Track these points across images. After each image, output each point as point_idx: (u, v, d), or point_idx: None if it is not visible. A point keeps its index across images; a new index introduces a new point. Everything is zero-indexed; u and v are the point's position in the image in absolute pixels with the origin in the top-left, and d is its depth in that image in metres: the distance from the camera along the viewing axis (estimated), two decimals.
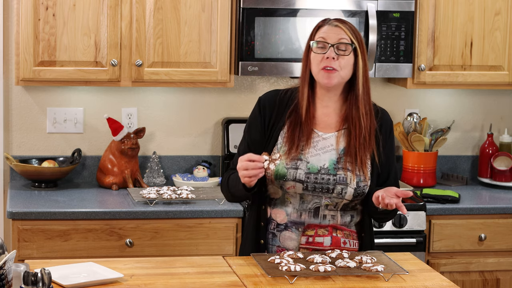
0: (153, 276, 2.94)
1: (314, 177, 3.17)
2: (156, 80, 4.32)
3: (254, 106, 3.30)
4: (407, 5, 4.42)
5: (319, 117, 3.24)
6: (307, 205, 3.20)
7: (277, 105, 3.26)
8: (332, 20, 3.20)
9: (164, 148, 4.71)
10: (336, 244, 3.22)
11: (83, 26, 4.23)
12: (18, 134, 4.58)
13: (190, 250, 4.12)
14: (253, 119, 3.29)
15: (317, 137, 3.22)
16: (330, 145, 3.21)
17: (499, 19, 4.53)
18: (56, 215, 4.02)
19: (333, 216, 3.22)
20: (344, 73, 3.16)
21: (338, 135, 3.21)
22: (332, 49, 3.14)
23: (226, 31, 4.32)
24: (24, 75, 4.22)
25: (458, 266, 4.35)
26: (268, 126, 3.25)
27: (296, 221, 3.22)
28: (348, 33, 3.16)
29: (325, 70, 3.14)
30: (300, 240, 3.21)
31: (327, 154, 3.20)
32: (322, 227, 3.21)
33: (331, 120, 3.24)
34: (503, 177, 4.77)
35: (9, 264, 2.57)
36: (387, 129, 3.28)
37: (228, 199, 3.33)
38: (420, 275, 3.02)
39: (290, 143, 3.19)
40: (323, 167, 3.18)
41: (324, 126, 3.23)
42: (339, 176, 3.18)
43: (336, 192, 3.17)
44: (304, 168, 3.17)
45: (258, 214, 3.27)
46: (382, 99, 4.84)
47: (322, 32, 3.17)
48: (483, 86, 4.60)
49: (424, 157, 4.67)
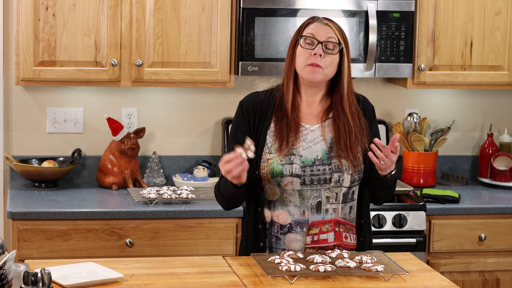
0: (153, 276, 2.94)
1: (310, 169, 3.19)
2: (156, 80, 4.32)
3: (237, 111, 3.33)
4: (407, 5, 4.42)
5: (303, 110, 3.27)
6: (307, 201, 3.21)
7: (260, 106, 3.29)
8: (322, 18, 3.25)
9: (164, 148, 4.71)
10: (338, 239, 3.23)
11: (83, 26, 4.24)
12: (18, 134, 4.58)
13: (190, 250, 4.12)
14: (237, 123, 3.31)
15: (304, 130, 3.25)
16: (318, 136, 3.24)
17: (499, 19, 4.53)
18: (56, 215, 4.02)
19: (334, 209, 3.23)
20: (328, 71, 3.20)
21: (322, 126, 3.25)
22: (320, 46, 3.18)
23: (226, 31, 4.32)
24: (24, 75, 4.22)
25: (458, 266, 4.35)
26: (253, 128, 3.27)
27: (300, 220, 3.22)
28: (336, 32, 3.21)
29: (310, 66, 3.17)
30: (306, 240, 3.22)
31: (318, 145, 3.23)
32: (326, 223, 3.22)
33: (315, 111, 3.28)
34: (503, 177, 4.77)
35: (9, 264, 2.57)
36: (370, 114, 3.35)
37: (224, 206, 3.33)
38: (420, 275, 3.02)
39: (280, 139, 3.21)
40: (316, 158, 3.21)
41: (309, 118, 3.27)
42: (333, 164, 3.21)
43: (334, 181, 3.20)
44: (298, 162, 3.19)
45: (255, 216, 3.27)
46: (382, 99, 4.84)
47: (311, 28, 3.21)
48: (483, 86, 4.60)
49: (424, 157, 4.67)
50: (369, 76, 4.43)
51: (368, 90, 4.80)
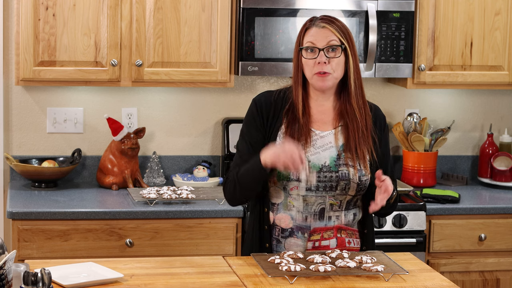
0: (153, 276, 2.94)
1: (316, 176, 3.17)
2: (156, 80, 4.32)
3: (250, 107, 3.28)
4: (407, 5, 4.42)
5: (315, 115, 3.24)
6: (311, 207, 3.20)
7: (273, 105, 3.25)
8: (319, 20, 3.18)
9: (164, 148, 4.71)
10: (341, 245, 3.22)
11: (83, 26, 4.24)
12: (18, 134, 4.58)
13: (190, 250, 4.12)
14: (251, 119, 3.26)
15: (314, 135, 3.22)
16: (328, 142, 3.21)
17: (499, 19, 4.53)
18: (56, 215, 4.02)
19: (337, 217, 3.22)
20: (337, 74, 3.17)
21: (335, 132, 3.22)
22: (322, 53, 3.13)
23: (226, 31, 4.32)
24: (24, 75, 4.22)
25: (458, 266, 4.35)
26: (267, 125, 3.24)
27: (301, 226, 3.21)
28: (336, 33, 3.14)
29: (318, 75, 3.14)
30: (307, 245, 3.21)
31: (327, 151, 3.20)
32: (328, 230, 3.21)
33: (327, 118, 3.24)
34: (503, 177, 4.77)
35: (9, 264, 2.57)
36: (381, 124, 3.30)
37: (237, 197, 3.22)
38: (420, 275, 3.02)
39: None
40: (324, 165, 3.19)
41: (320, 124, 3.24)
42: (341, 172, 3.18)
43: (340, 189, 3.18)
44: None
45: (261, 217, 3.25)
46: (382, 99, 4.84)
47: (310, 35, 3.16)
48: (483, 86, 4.60)
49: (424, 157, 4.67)
50: (369, 76, 4.43)
51: (368, 90, 4.80)
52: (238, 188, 3.19)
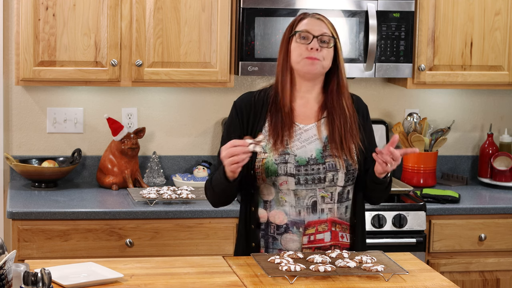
0: (153, 276, 2.94)
1: (304, 169, 3.20)
2: (156, 80, 4.32)
3: (231, 111, 3.32)
4: (407, 5, 4.42)
5: (297, 108, 3.28)
6: (303, 200, 3.22)
7: (254, 105, 3.29)
8: (313, 13, 3.28)
9: (164, 148, 4.71)
10: (335, 238, 3.24)
11: (83, 26, 4.24)
12: (18, 134, 4.58)
13: (190, 250, 4.12)
14: (231, 122, 3.30)
15: (298, 130, 3.25)
16: (313, 135, 3.25)
17: (499, 19, 4.53)
18: (56, 215, 4.02)
19: (330, 209, 3.24)
20: (325, 64, 3.22)
21: (318, 125, 3.26)
22: (315, 40, 3.20)
23: (226, 31, 4.32)
24: (24, 75, 4.22)
25: (458, 266, 4.35)
26: (247, 127, 3.27)
27: (296, 220, 3.22)
28: (329, 27, 3.24)
29: (308, 58, 3.19)
30: (302, 240, 3.22)
31: (312, 144, 3.23)
32: (322, 223, 3.22)
33: (310, 111, 3.28)
34: (503, 177, 4.77)
35: (9, 264, 2.57)
36: (364, 113, 3.35)
37: (214, 202, 3.29)
38: (420, 275, 3.02)
39: (275, 135, 3.21)
40: (311, 157, 3.22)
41: (303, 117, 3.27)
42: (328, 163, 3.21)
43: (328, 180, 3.21)
44: (293, 162, 3.20)
45: (247, 216, 3.27)
46: (382, 99, 4.84)
47: (305, 24, 3.23)
48: (483, 86, 4.60)
49: (424, 157, 4.67)
50: (369, 76, 4.43)
51: (368, 90, 4.80)
52: (214, 195, 3.25)
